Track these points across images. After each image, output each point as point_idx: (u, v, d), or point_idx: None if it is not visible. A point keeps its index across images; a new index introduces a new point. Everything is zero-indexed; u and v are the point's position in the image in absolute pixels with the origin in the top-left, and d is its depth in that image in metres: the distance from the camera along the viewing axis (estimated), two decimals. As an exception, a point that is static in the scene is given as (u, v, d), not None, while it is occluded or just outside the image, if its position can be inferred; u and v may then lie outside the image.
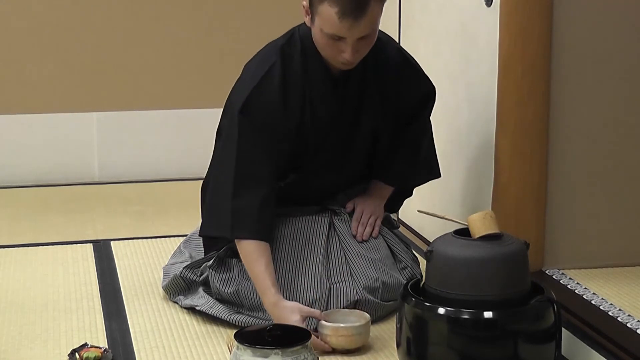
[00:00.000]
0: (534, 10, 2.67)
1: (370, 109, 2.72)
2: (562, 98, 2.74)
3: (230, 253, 2.74)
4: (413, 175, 2.92)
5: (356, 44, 2.49)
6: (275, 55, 2.62)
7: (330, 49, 2.52)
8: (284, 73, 2.60)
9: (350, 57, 2.50)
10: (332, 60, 2.57)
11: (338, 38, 2.48)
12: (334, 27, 2.46)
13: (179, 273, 2.77)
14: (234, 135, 2.59)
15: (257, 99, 2.58)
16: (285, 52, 2.63)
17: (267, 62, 2.62)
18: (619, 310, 2.49)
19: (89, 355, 2.38)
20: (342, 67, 2.58)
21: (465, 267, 2.22)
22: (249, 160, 2.58)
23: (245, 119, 2.57)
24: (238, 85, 2.67)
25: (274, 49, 2.64)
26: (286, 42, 2.65)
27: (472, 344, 2.20)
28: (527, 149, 2.74)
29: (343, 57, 2.51)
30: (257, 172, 2.59)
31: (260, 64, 2.64)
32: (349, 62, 2.52)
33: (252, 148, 2.58)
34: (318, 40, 2.55)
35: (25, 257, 3.30)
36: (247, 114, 2.57)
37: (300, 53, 2.62)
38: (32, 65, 4.32)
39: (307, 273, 2.65)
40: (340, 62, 2.54)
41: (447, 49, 3.20)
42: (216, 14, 4.46)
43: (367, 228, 2.78)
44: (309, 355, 2.20)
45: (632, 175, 2.83)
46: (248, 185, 2.58)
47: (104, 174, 4.45)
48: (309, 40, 2.61)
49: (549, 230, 2.79)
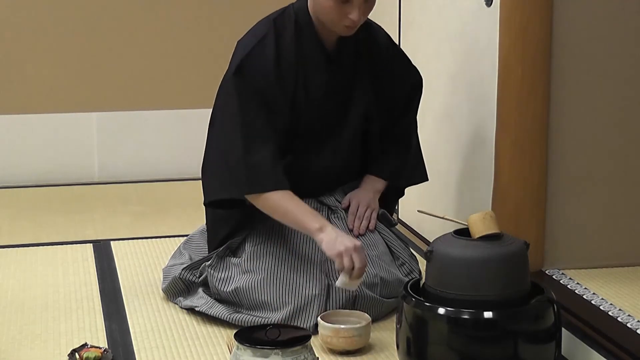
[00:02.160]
0: (534, 10, 2.67)
1: (362, 87, 2.77)
2: (562, 98, 2.74)
3: (229, 252, 2.74)
4: (404, 171, 2.92)
5: (363, 6, 2.57)
6: (267, 26, 2.69)
7: (336, 12, 2.58)
8: (277, 43, 2.66)
9: (357, 17, 2.57)
10: (335, 24, 2.61)
11: (345, 0, 2.55)
12: None
13: (178, 275, 2.77)
14: (232, 98, 2.64)
15: (251, 63, 2.63)
16: (278, 24, 2.68)
17: (260, 33, 2.69)
18: (619, 310, 2.49)
19: (89, 355, 2.38)
20: (345, 32, 2.63)
21: (465, 267, 2.22)
22: (253, 116, 2.62)
23: (241, 80, 2.63)
24: (232, 58, 2.71)
25: (266, 22, 2.71)
26: (279, 15, 2.71)
27: (472, 344, 2.20)
28: (527, 149, 2.74)
29: (349, 19, 2.57)
30: (263, 128, 2.62)
31: (252, 35, 2.70)
32: (354, 23, 2.59)
33: (254, 106, 2.62)
34: (324, 5, 2.59)
35: (25, 257, 3.30)
36: (242, 76, 2.63)
37: (294, 26, 2.68)
38: (32, 65, 4.32)
39: (306, 270, 2.65)
40: (344, 25, 2.60)
41: (447, 49, 3.20)
42: (216, 14, 4.46)
43: (364, 221, 2.79)
44: (309, 355, 2.20)
45: (632, 175, 2.83)
46: (257, 141, 2.61)
47: (104, 174, 4.45)
48: (303, 13, 2.67)
49: (549, 230, 2.80)
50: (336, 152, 2.80)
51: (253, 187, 2.62)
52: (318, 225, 2.56)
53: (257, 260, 2.69)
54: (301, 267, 2.66)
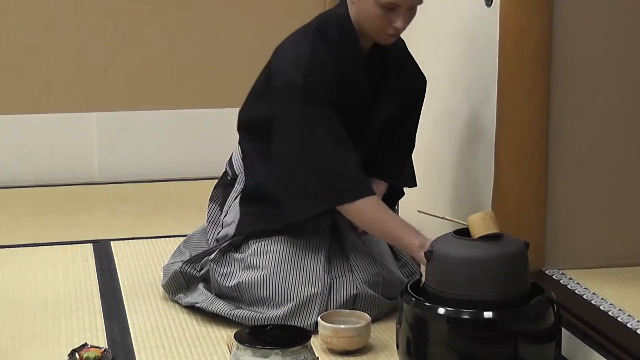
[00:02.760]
0: (534, 10, 2.67)
1: (386, 93, 2.78)
2: (562, 98, 2.74)
3: (232, 248, 2.74)
4: (403, 174, 2.93)
5: (407, 14, 2.60)
6: (312, 36, 2.67)
7: (381, 20, 2.60)
8: (326, 52, 2.65)
9: (402, 25, 2.60)
10: (379, 32, 2.63)
11: (391, 8, 2.57)
12: None
13: (179, 268, 2.77)
14: (304, 110, 2.60)
15: (315, 76, 2.61)
16: (321, 32, 2.68)
17: (307, 42, 2.66)
18: (619, 310, 2.49)
19: (89, 355, 2.38)
20: (386, 41, 2.66)
21: (465, 267, 2.22)
22: (333, 125, 2.61)
23: (308, 92, 2.60)
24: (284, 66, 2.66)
25: (309, 31, 2.70)
26: (321, 22, 2.71)
27: (472, 344, 2.20)
28: (527, 149, 2.74)
29: (393, 27, 2.60)
30: (345, 135, 2.61)
31: (300, 45, 2.67)
32: (397, 32, 2.62)
33: (331, 115, 2.61)
34: (369, 13, 2.60)
35: (25, 257, 3.30)
36: (308, 88, 2.60)
37: (336, 33, 2.68)
38: (32, 65, 4.32)
39: (308, 268, 2.66)
40: (387, 33, 2.62)
41: (447, 49, 3.20)
42: (216, 14, 4.46)
43: None
44: (309, 355, 2.20)
45: (632, 176, 2.83)
46: (344, 149, 2.60)
47: (104, 174, 4.45)
48: (346, 20, 2.67)
49: (549, 230, 2.79)
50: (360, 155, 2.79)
51: (348, 196, 2.58)
52: (418, 242, 2.51)
53: (261, 256, 2.69)
54: (304, 265, 2.66)
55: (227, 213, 2.84)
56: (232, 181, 2.88)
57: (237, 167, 2.87)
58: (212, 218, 2.93)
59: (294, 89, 2.61)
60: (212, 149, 4.46)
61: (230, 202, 2.85)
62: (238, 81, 4.45)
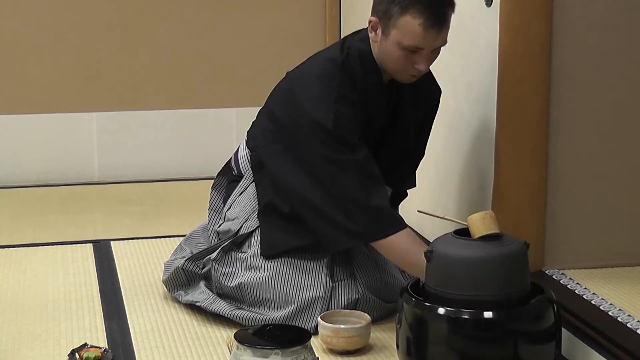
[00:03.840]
0: (534, 10, 2.67)
1: (406, 115, 2.77)
2: (562, 98, 2.74)
3: (234, 247, 2.74)
4: (407, 181, 2.95)
5: (430, 55, 2.56)
6: (338, 71, 2.63)
7: (404, 61, 2.56)
8: (352, 88, 2.63)
9: (425, 68, 2.57)
10: (401, 73, 2.61)
11: (415, 50, 2.53)
12: (416, 39, 2.51)
13: (181, 265, 2.77)
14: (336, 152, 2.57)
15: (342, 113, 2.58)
16: (347, 68, 2.65)
17: (334, 77, 2.62)
18: (619, 310, 2.49)
19: (89, 355, 2.38)
20: (408, 80, 2.64)
21: (465, 267, 2.22)
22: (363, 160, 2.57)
23: (339, 136, 2.56)
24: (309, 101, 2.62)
25: (334, 65, 2.65)
26: (345, 57, 2.66)
27: (472, 344, 2.20)
28: (527, 149, 2.74)
29: (416, 68, 2.56)
30: (374, 172, 2.59)
31: (326, 79, 2.63)
32: (420, 74, 2.59)
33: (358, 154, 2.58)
34: (391, 54, 2.57)
35: (25, 257, 3.30)
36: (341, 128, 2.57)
37: (361, 69, 2.65)
38: (32, 65, 4.32)
39: (311, 271, 2.66)
40: (410, 74, 2.60)
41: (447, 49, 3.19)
42: (216, 14, 4.46)
43: None
44: (309, 355, 2.20)
45: (632, 175, 2.83)
46: (373, 185, 2.57)
47: (104, 174, 4.45)
48: (368, 57, 2.64)
49: (549, 230, 2.79)
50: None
51: (379, 233, 2.57)
52: None
53: (263, 257, 2.68)
54: (306, 268, 2.66)
55: (231, 207, 2.84)
56: (237, 177, 2.88)
57: (242, 167, 2.87)
58: (214, 206, 2.93)
59: (324, 132, 2.57)
60: (212, 149, 4.46)
61: (235, 197, 2.84)
62: (238, 81, 4.47)
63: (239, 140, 2.91)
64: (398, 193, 2.96)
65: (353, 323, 2.51)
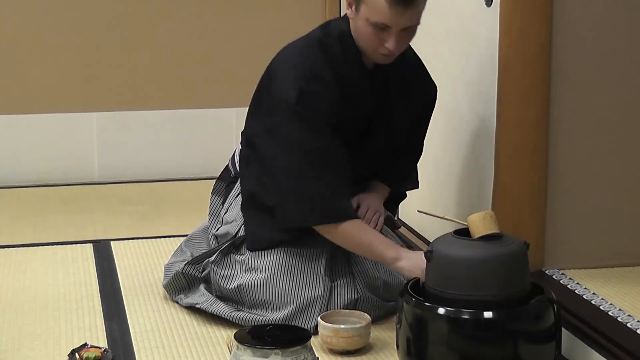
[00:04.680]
0: (534, 10, 2.67)
1: (395, 107, 2.75)
2: (562, 98, 2.74)
3: (233, 249, 2.74)
4: (407, 180, 2.94)
5: (399, 35, 2.53)
6: (314, 49, 2.64)
7: (373, 39, 2.55)
8: (327, 67, 2.62)
9: (393, 47, 2.53)
10: (372, 52, 2.58)
11: (383, 27, 2.52)
12: (381, 15, 2.49)
13: (181, 269, 2.77)
14: (296, 126, 2.58)
15: (311, 91, 2.58)
16: (324, 46, 2.64)
17: (308, 56, 2.63)
18: (619, 310, 2.49)
19: (89, 355, 2.38)
20: (381, 60, 2.61)
21: (465, 267, 2.22)
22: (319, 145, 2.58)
23: (303, 108, 2.57)
24: (282, 79, 2.64)
25: (311, 43, 2.66)
26: (323, 36, 2.66)
27: (472, 344, 2.20)
28: (527, 149, 2.74)
29: (385, 47, 2.54)
30: (331, 156, 2.58)
31: (300, 57, 2.64)
32: (390, 52, 2.56)
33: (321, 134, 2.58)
34: (361, 31, 2.56)
35: (25, 257, 3.30)
36: (304, 104, 2.57)
37: (339, 48, 2.64)
38: (32, 65, 4.32)
39: (309, 271, 2.65)
40: (380, 53, 2.57)
41: (447, 49, 3.20)
42: (216, 14, 4.46)
43: (371, 224, 2.79)
44: (309, 355, 2.20)
45: (632, 175, 2.83)
46: (327, 171, 2.57)
47: (104, 174, 4.45)
48: (347, 36, 2.63)
49: (549, 230, 2.79)
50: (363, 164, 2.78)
51: (326, 219, 2.58)
52: (394, 255, 2.53)
53: (262, 258, 2.68)
54: (305, 268, 2.66)
55: (228, 210, 2.84)
56: (234, 179, 2.88)
57: (238, 167, 2.87)
58: (214, 210, 2.94)
59: (288, 106, 2.58)
60: (212, 149, 4.46)
61: (231, 200, 2.85)
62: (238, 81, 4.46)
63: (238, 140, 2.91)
64: (397, 194, 2.96)
65: (353, 323, 2.51)
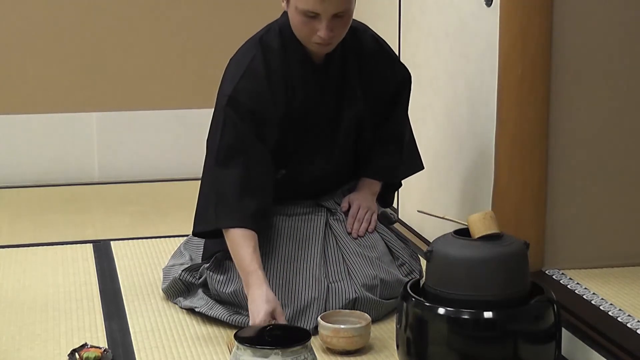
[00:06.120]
0: (534, 10, 2.67)
1: (352, 94, 2.74)
2: (562, 98, 2.74)
3: (228, 255, 2.74)
4: (398, 168, 2.93)
5: (331, 23, 2.53)
6: (255, 47, 2.66)
7: (305, 28, 2.55)
8: (266, 63, 2.63)
9: (325, 34, 2.53)
10: (307, 41, 2.59)
11: (313, 15, 2.52)
12: (308, 2, 2.50)
13: (178, 276, 2.77)
14: (219, 127, 2.61)
15: (244, 89, 2.60)
16: (264, 42, 2.66)
17: (249, 54, 2.65)
18: (619, 310, 2.49)
19: (89, 355, 2.38)
20: (318, 50, 2.61)
21: (465, 267, 2.22)
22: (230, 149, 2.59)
23: (232, 110, 2.59)
24: (224, 79, 2.68)
25: (253, 42, 2.68)
26: (264, 33, 2.69)
27: (472, 344, 2.20)
28: (527, 149, 2.74)
29: (318, 36, 2.54)
30: (240, 160, 2.58)
31: (242, 57, 2.67)
32: (324, 40, 2.55)
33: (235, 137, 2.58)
34: (293, 21, 2.58)
35: (25, 257, 3.30)
36: (235, 105, 2.59)
37: (279, 42, 2.65)
38: (32, 65, 4.32)
39: (305, 272, 2.65)
40: (315, 42, 2.57)
41: (447, 48, 3.20)
42: (216, 14, 4.46)
43: (364, 223, 2.79)
44: (309, 355, 2.20)
45: (632, 175, 2.83)
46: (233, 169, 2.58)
47: (103, 174, 4.45)
48: (287, 29, 2.64)
49: (549, 230, 2.79)
50: (329, 159, 2.79)
51: (219, 221, 2.59)
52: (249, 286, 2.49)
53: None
54: (301, 270, 2.66)
55: None
56: None
57: None
58: None
59: (221, 106, 2.61)
60: (212, 149, 4.46)
61: None
62: (238, 81, 4.45)
63: (238, 140, 2.93)
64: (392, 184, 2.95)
65: (353, 323, 2.51)
